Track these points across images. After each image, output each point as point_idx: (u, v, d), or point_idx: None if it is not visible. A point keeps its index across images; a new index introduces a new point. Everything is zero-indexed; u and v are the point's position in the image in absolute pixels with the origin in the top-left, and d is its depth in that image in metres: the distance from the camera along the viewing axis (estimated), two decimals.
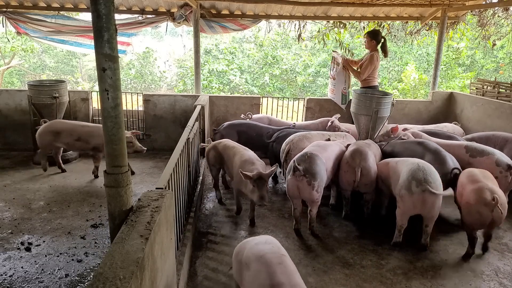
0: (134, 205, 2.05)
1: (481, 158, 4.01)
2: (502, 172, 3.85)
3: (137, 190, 4.79)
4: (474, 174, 3.54)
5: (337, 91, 6.30)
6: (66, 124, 5.21)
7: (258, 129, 5.22)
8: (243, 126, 5.25)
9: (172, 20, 6.52)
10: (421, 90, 13.97)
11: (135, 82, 18.48)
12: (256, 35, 17.55)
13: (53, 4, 6.40)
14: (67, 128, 5.11)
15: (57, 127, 5.13)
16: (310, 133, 4.67)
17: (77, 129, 5.10)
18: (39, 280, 3.06)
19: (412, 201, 3.39)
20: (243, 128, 5.22)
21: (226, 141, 4.50)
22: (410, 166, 3.52)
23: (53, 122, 5.22)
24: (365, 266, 3.35)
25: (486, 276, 3.26)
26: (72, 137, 5.06)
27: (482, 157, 4.01)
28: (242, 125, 5.29)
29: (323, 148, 3.98)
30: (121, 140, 1.90)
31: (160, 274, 2.00)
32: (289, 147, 4.34)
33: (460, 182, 3.61)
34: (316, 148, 3.93)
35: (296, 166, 3.54)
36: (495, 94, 6.08)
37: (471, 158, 4.09)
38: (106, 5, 1.71)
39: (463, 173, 3.67)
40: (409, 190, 3.38)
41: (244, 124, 5.34)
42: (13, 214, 4.13)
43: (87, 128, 5.13)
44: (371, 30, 5.91)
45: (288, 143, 4.42)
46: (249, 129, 5.22)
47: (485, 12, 7.21)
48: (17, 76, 18.04)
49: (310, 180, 3.53)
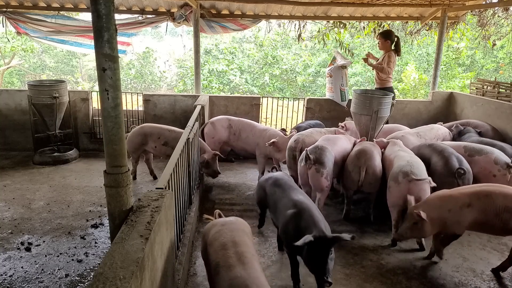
0: (134, 205, 2.05)
1: (480, 157, 4.02)
2: (501, 170, 3.84)
3: (137, 190, 4.80)
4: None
5: (335, 89, 6.30)
6: (154, 127, 5.07)
7: None
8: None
9: (172, 20, 6.52)
10: (421, 90, 13.97)
11: (135, 82, 18.47)
12: (256, 35, 17.54)
13: (53, 4, 6.40)
14: (155, 132, 4.99)
15: (146, 130, 5.01)
16: (313, 132, 4.87)
17: (164, 133, 4.97)
18: (39, 280, 3.06)
19: (398, 191, 3.49)
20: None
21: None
22: (400, 162, 3.73)
23: (143, 126, 5.10)
24: (365, 266, 3.35)
25: (486, 276, 3.26)
26: (159, 141, 4.95)
27: (481, 156, 4.02)
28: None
29: (333, 142, 4.30)
30: (121, 140, 1.90)
31: (160, 274, 2.00)
32: (301, 145, 4.55)
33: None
34: (326, 142, 4.23)
35: (307, 156, 3.91)
36: (495, 94, 6.08)
37: (469, 157, 4.09)
38: (106, 5, 1.71)
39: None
40: (396, 180, 3.53)
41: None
42: (13, 214, 4.13)
43: (174, 133, 4.96)
44: (384, 31, 5.86)
45: (298, 142, 4.58)
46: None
47: (485, 12, 7.21)
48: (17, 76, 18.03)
49: (319, 168, 3.87)
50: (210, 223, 2.63)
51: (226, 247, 2.22)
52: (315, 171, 3.88)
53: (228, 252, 2.17)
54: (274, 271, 3.22)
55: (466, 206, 3.07)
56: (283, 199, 3.07)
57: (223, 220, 2.62)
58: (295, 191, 3.15)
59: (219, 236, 2.35)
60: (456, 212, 3.09)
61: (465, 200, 3.09)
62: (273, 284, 3.05)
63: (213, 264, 2.17)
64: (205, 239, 2.48)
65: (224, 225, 2.49)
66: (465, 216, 3.08)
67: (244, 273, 2.02)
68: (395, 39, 5.61)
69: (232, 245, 2.24)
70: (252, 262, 2.13)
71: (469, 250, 3.65)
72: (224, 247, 2.23)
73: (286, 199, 3.03)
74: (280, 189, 3.21)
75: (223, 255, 2.16)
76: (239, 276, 1.99)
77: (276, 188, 3.26)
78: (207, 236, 2.48)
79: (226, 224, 2.51)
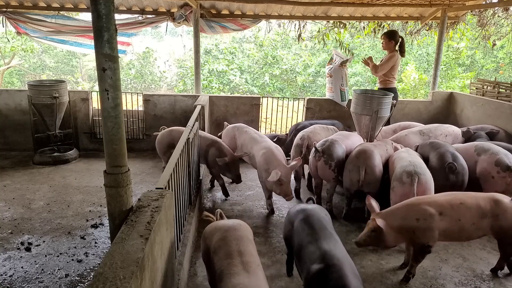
0: (134, 205, 2.05)
1: (484, 156, 3.95)
2: (500, 172, 3.76)
3: (137, 190, 4.79)
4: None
5: (335, 89, 6.30)
6: (180, 132, 4.91)
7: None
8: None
9: (172, 20, 6.51)
10: (421, 90, 13.96)
11: (135, 82, 18.47)
12: (256, 35, 17.54)
13: (53, 4, 6.39)
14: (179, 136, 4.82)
15: (173, 134, 4.75)
16: (316, 128, 4.99)
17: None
18: (39, 280, 3.06)
19: (403, 191, 3.45)
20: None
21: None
22: (402, 163, 3.73)
23: (171, 129, 4.88)
24: (365, 266, 3.35)
25: (486, 276, 3.26)
26: None
27: (486, 156, 3.95)
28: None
29: (345, 137, 4.54)
30: (121, 140, 1.90)
31: (160, 274, 2.00)
32: (307, 142, 4.68)
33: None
34: (339, 137, 4.47)
35: (316, 148, 4.14)
36: (495, 94, 6.08)
37: (477, 156, 4.05)
38: (106, 5, 1.71)
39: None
40: (400, 181, 3.52)
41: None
42: (13, 214, 4.13)
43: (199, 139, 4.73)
44: (388, 31, 5.85)
45: (304, 139, 4.71)
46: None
47: (485, 12, 7.21)
48: (17, 76, 18.03)
49: (327, 160, 4.08)
50: (212, 225, 2.58)
51: (232, 257, 2.21)
52: (323, 163, 4.11)
53: (234, 261, 2.17)
54: (275, 271, 3.23)
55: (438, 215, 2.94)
56: (310, 245, 2.49)
57: (227, 224, 2.54)
58: (328, 235, 2.57)
59: (224, 245, 2.32)
60: (425, 222, 2.92)
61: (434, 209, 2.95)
62: (273, 285, 3.05)
63: (218, 272, 2.18)
64: (208, 244, 2.45)
65: (228, 231, 2.43)
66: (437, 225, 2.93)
67: (248, 281, 2.03)
68: (399, 40, 5.62)
69: (238, 254, 2.23)
70: (257, 272, 2.14)
71: (469, 250, 3.65)
72: (229, 256, 2.22)
73: (313, 246, 2.46)
74: (310, 228, 2.63)
75: (228, 264, 2.16)
76: (242, 283, 2.00)
77: (306, 225, 2.68)
78: (209, 240, 2.44)
79: (230, 230, 2.44)
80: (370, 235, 2.97)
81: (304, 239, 2.57)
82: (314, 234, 2.55)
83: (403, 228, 2.95)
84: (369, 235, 2.97)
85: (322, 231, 2.58)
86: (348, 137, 4.58)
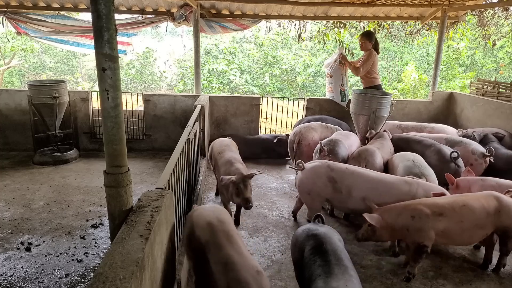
0: (134, 205, 2.05)
1: (459, 148, 4.36)
2: (477, 160, 4.26)
3: (137, 190, 4.79)
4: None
5: (335, 89, 6.31)
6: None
7: None
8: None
9: (172, 20, 6.51)
10: (421, 90, 13.96)
11: (135, 82, 18.47)
12: (256, 35, 17.53)
13: (53, 4, 6.39)
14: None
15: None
16: (313, 124, 5.07)
17: (214, 156, 4.36)
18: (39, 280, 3.06)
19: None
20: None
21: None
22: (405, 162, 3.81)
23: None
24: (365, 266, 3.35)
25: (486, 276, 3.26)
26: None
27: (460, 147, 4.39)
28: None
29: (346, 137, 4.65)
30: (121, 140, 1.90)
31: (160, 274, 2.00)
32: (299, 138, 4.80)
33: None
34: (340, 137, 4.55)
35: (321, 147, 4.20)
36: (495, 94, 6.08)
37: (450, 147, 4.40)
38: (106, 5, 1.71)
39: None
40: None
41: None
42: (13, 214, 4.13)
43: (222, 159, 4.33)
44: (367, 32, 5.90)
45: (296, 134, 4.81)
46: None
47: (485, 12, 7.21)
48: (17, 76, 18.03)
49: (332, 159, 4.08)
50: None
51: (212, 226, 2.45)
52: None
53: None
54: (274, 271, 3.23)
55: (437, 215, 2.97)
56: (320, 280, 2.10)
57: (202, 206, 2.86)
58: (342, 269, 2.15)
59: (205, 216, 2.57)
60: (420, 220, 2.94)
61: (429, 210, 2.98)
62: (273, 284, 3.05)
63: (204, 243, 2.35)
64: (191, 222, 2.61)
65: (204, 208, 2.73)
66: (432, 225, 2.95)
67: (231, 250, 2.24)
68: (374, 39, 5.75)
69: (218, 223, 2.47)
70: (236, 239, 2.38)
71: (469, 250, 3.65)
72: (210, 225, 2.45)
73: (322, 283, 2.08)
74: (323, 260, 2.22)
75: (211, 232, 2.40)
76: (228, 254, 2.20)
77: (318, 257, 2.26)
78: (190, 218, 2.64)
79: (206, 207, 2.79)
80: (366, 229, 3.08)
81: (316, 269, 2.19)
82: (328, 264, 2.18)
83: (398, 224, 3.01)
84: (366, 229, 3.08)
85: (337, 263, 2.19)
86: (348, 137, 4.66)
